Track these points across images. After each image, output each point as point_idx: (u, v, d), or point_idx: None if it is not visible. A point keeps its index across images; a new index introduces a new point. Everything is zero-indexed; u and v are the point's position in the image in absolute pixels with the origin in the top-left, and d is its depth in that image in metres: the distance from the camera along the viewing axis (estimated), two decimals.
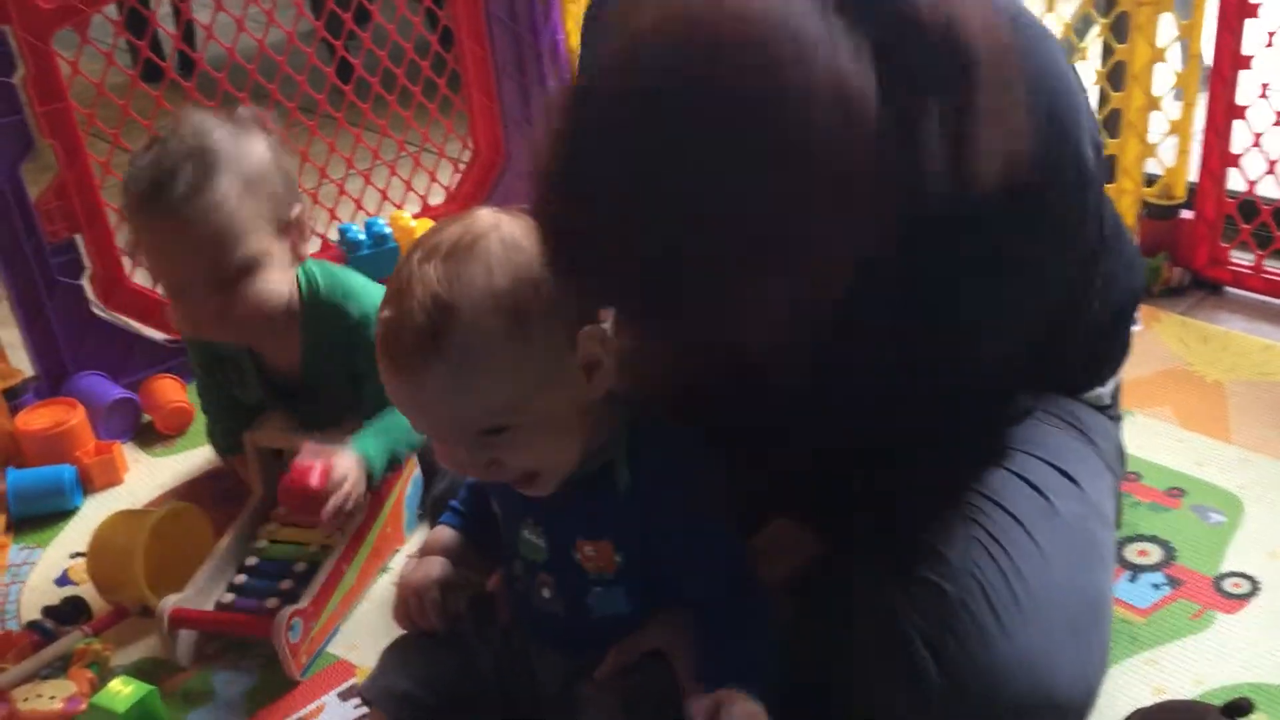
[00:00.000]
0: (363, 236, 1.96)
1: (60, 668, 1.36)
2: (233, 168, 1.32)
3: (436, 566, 1.17)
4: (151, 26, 1.96)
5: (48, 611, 1.45)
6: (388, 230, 2.00)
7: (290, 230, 1.39)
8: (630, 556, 1.07)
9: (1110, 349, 1.29)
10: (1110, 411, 1.32)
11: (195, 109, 1.43)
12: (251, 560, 1.43)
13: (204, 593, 1.38)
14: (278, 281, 1.38)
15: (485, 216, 0.98)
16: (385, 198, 2.26)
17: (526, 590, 1.12)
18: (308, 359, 1.47)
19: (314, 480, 1.33)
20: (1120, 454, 1.32)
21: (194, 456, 1.76)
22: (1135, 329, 1.34)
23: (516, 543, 1.11)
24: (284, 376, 1.50)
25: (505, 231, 0.96)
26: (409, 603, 1.15)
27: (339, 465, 1.36)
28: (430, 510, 1.45)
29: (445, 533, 1.21)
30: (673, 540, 1.05)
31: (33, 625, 1.42)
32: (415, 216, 2.09)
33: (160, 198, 1.30)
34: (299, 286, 1.44)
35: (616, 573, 1.07)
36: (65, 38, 1.75)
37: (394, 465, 1.46)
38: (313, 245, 2.13)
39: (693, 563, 1.06)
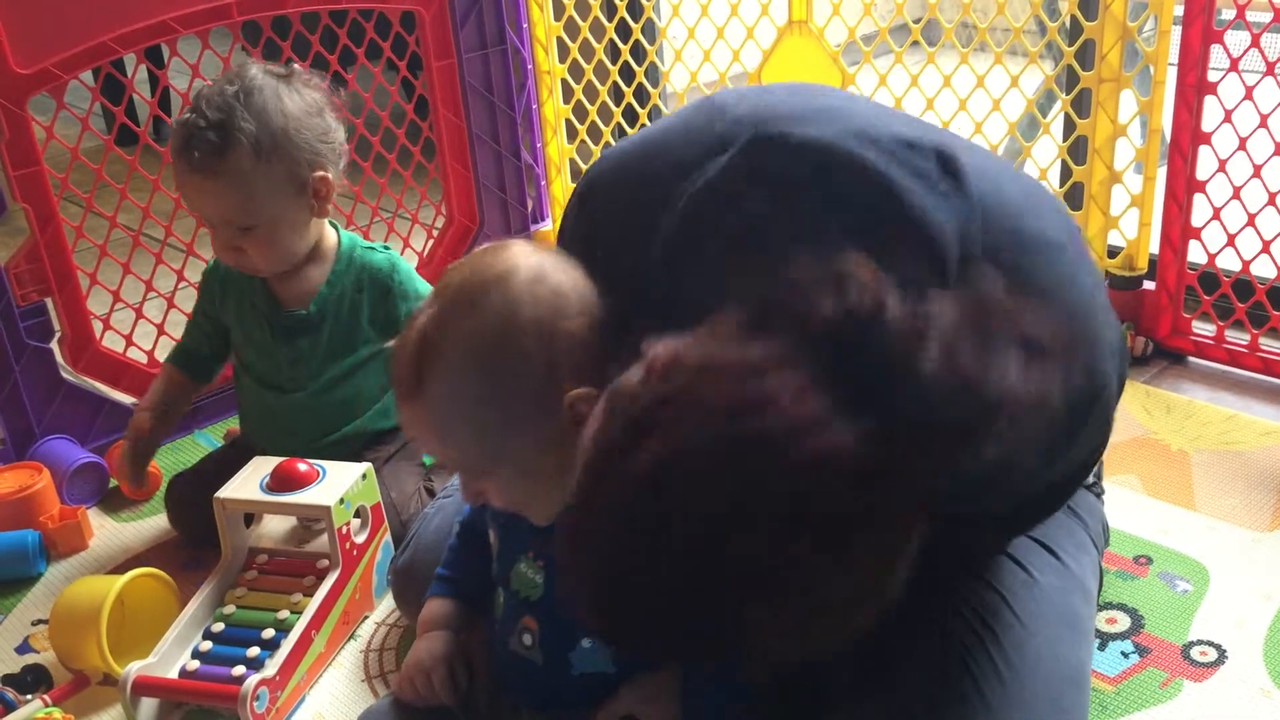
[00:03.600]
0: None
1: None
2: (253, 136, 1.46)
3: (440, 642, 1.16)
4: (127, 92, 1.97)
5: (7, 680, 1.43)
6: None
7: (308, 190, 1.53)
8: None
9: (1102, 433, 1.30)
10: (1095, 488, 1.33)
11: (254, 62, 1.55)
12: (218, 626, 1.41)
13: (168, 659, 1.36)
14: (289, 238, 1.55)
15: (506, 262, 0.97)
16: None
17: (504, 634, 1.10)
18: (323, 296, 1.61)
19: None
20: (1105, 530, 1.33)
21: (160, 522, 1.74)
22: None
23: (510, 575, 1.09)
24: (288, 309, 1.62)
25: (511, 284, 0.96)
26: (416, 682, 1.14)
27: None
28: (393, 582, 1.44)
29: (439, 605, 1.20)
30: None
31: None
32: None
33: (184, 156, 1.47)
34: (339, 238, 1.62)
35: None
36: (41, 103, 1.75)
37: None
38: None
39: None
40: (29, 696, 1.39)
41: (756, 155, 0.91)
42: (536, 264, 0.98)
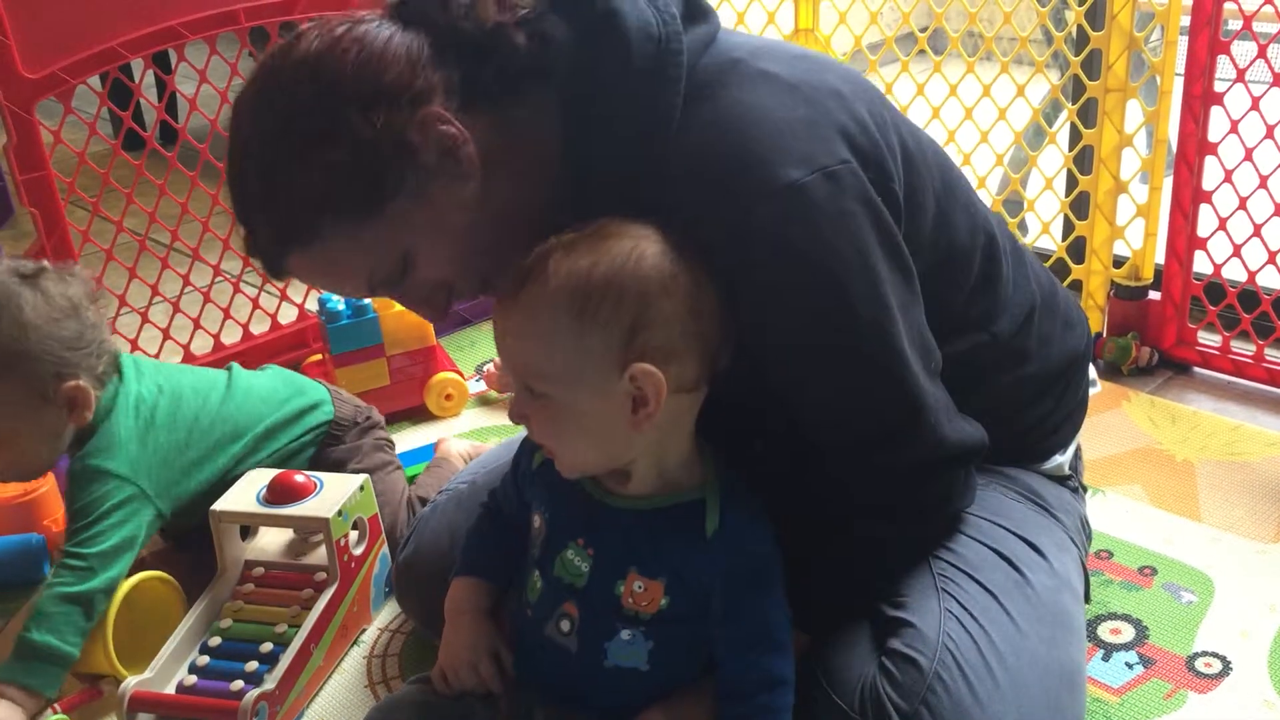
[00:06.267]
0: (342, 307, 1.97)
1: None
2: None
3: (477, 631, 1.16)
4: (135, 97, 1.98)
5: None
6: (366, 300, 2.01)
7: (54, 402, 1.42)
8: (676, 603, 1.06)
9: (1059, 408, 1.29)
10: (1070, 483, 1.33)
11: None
12: (215, 640, 1.39)
13: (165, 674, 1.35)
14: (37, 451, 1.45)
15: (645, 233, 1.01)
16: None
17: (540, 619, 1.10)
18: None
19: None
20: (1084, 527, 1.33)
21: None
22: (1093, 390, 1.36)
23: (552, 561, 1.09)
24: None
25: (642, 246, 1.00)
26: (461, 676, 1.14)
27: None
28: (396, 576, 1.43)
29: (466, 585, 1.20)
30: (736, 596, 1.05)
31: None
32: None
33: None
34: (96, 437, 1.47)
35: (654, 617, 1.06)
36: (48, 107, 1.76)
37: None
38: (289, 314, 2.13)
39: (742, 621, 1.06)
40: None
41: None
42: (672, 250, 1.01)
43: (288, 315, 2.21)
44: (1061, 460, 1.31)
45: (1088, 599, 1.29)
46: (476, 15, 1.02)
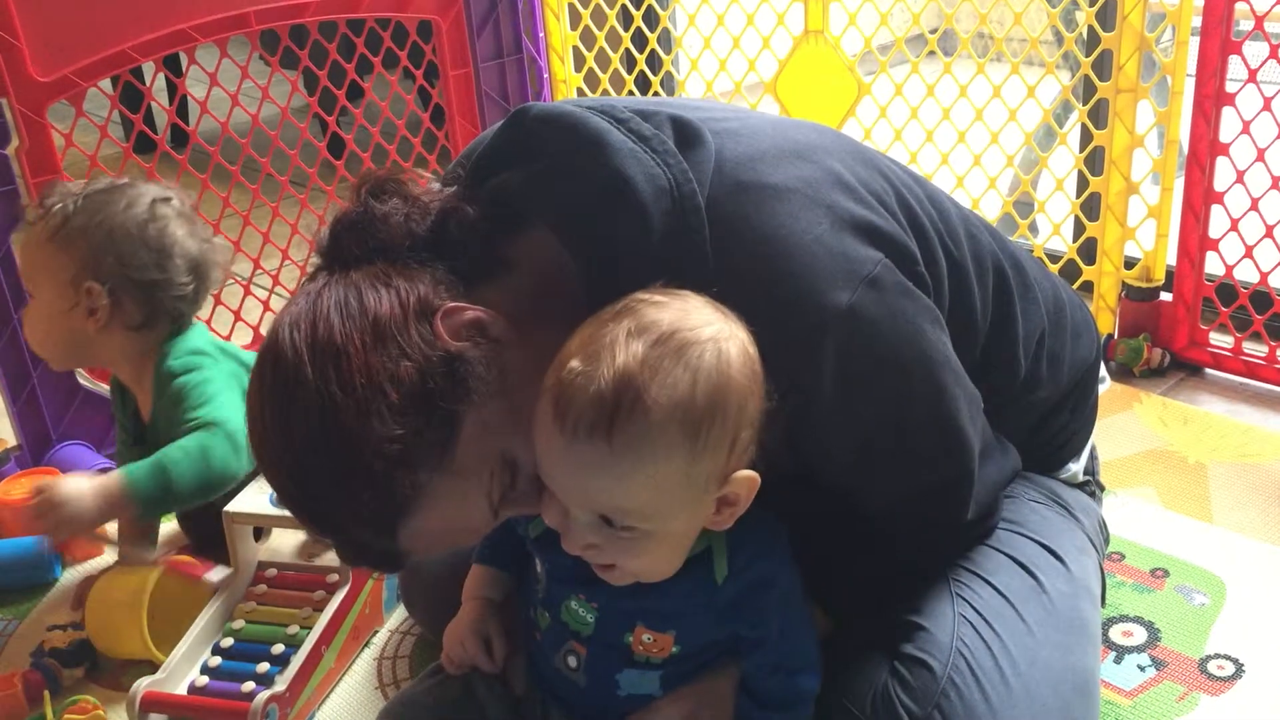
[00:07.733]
0: None
1: None
2: (60, 218, 1.47)
3: (474, 611, 1.17)
4: (146, 100, 1.99)
5: (54, 654, 1.45)
6: None
7: (79, 291, 1.48)
8: (688, 648, 1.06)
9: (1073, 420, 1.30)
10: (1088, 487, 1.33)
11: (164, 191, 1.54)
12: (227, 641, 1.40)
13: (177, 675, 1.35)
14: (49, 327, 1.52)
15: (709, 321, 0.92)
16: None
17: (548, 649, 1.10)
18: (152, 412, 1.56)
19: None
20: (1102, 529, 1.32)
21: (172, 527, 1.74)
22: (1103, 387, 1.35)
23: (557, 606, 1.08)
24: (138, 419, 1.61)
25: (723, 347, 0.91)
26: (452, 653, 1.16)
27: (61, 485, 1.38)
28: (401, 582, 1.43)
29: (479, 572, 1.20)
30: (759, 626, 1.05)
31: (35, 665, 1.42)
32: None
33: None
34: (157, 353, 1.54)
35: (665, 660, 1.06)
36: (60, 110, 1.77)
37: (166, 499, 1.42)
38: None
39: (768, 647, 1.05)
40: (71, 670, 1.43)
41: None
42: (740, 332, 0.94)
43: None
44: (1075, 469, 1.31)
45: (1103, 602, 1.28)
46: (420, 213, 0.98)
